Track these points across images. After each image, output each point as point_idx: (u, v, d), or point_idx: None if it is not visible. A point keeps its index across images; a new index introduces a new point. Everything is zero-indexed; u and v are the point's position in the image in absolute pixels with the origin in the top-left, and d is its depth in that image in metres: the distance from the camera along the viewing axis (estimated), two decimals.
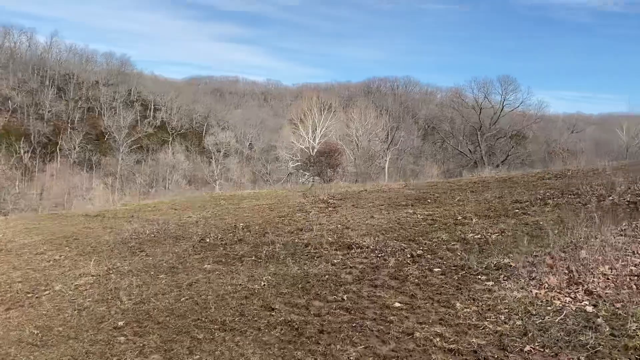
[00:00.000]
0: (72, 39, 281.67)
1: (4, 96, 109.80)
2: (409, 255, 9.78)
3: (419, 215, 13.45)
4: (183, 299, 8.52)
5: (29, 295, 9.75)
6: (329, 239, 11.74)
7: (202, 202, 21.34)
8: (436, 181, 22.82)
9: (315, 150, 67.38)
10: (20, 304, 9.28)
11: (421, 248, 10.25)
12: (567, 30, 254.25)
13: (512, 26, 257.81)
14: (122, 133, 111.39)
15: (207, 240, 13.16)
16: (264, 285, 8.69)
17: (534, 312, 6.54)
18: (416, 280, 8.31)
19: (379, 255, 9.99)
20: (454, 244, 10.33)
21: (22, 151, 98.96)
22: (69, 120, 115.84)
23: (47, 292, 9.80)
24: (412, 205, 15.17)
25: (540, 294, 7.11)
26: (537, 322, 6.23)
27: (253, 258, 10.87)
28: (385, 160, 72.50)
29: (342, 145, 64.01)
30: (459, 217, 12.66)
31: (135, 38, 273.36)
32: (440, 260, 9.33)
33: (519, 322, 6.28)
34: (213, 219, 16.43)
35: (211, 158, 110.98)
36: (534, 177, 18.57)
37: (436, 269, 8.81)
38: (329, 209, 16.31)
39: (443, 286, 7.90)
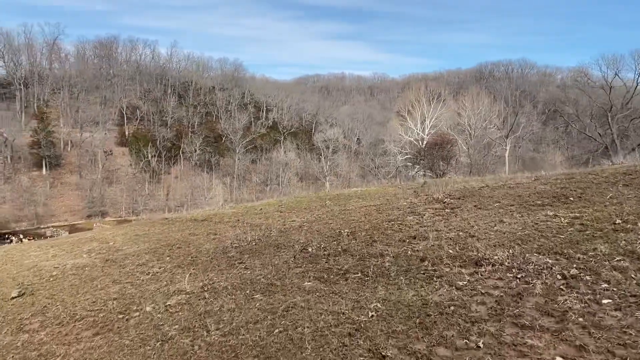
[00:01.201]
0: (189, 48, 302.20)
1: (133, 106, 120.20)
2: (560, 277, 7.48)
3: (562, 219, 10.84)
4: (276, 331, 7.13)
5: (120, 316, 9.06)
6: (450, 251, 9.72)
7: (308, 203, 20.37)
8: (571, 172, 19.26)
9: (425, 142, 64.20)
10: (109, 327, 8.57)
11: (575, 266, 7.86)
12: None
13: None
14: (238, 134, 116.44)
15: (309, 249, 11.83)
16: (372, 316, 7.01)
17: None
18: (580, 319, 6.06)
19: (519, 275, 7.81)
20: (620, 260, 7.79)
21: (149, 155, 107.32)
22: (189, 125, 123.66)
23: (137, 313, 9.03)
24: (550, 205, 12.48)
25: None
26: None
27: (359, 275, 9.24)
28: (505, 149, 66.95)
29: (454, 136, 60.24)
30: (618, 221, 9.90)
31: (246, 43, 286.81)
32: (607, 286, 6.94)
33: None
34: (317, 224, 15.16)
35: (320, 155, 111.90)
36: None
37: (606, 300, 6.48)
38: (446, 210, 14.13)
39: (626, 332, 5.60)
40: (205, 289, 10.15)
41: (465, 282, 7.90)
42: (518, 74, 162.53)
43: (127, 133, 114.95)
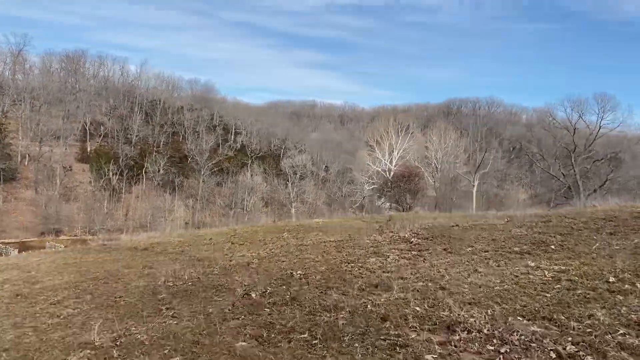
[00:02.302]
0: (160, 67, 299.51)
1: (97, 122, 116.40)
2: (554, 355, 5.95)
3: (546, 272, 9.53)
4: None
5: None
6: (417, 308, 8.09)
7: (264, 234, 18.66)
8: (546, 214, 18.16)
9: (392, 173, 63.48)
10: None
11: (571, 339, 6.35)
12: None
13: (601, 44, 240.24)
14: (204, 156, 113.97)
15: (253, 295, 10.05)
16: None
17: None
18: None
19: (502, 350, 6.24)
20: (626, 335, 6.31)
21: (110, 173, 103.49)
22: (155, 144, 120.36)
23: None
24: (529, 254, 11.19)
25: None
26: None
27: (305, 335, 7.49)
28: (473, 184, 66.90)
29: (421, 169, 59.69)
30: (612, 279, 8.61)
31: (220, 65, 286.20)
32: None
33: None
34: (268, 261, 13.42)
35: (287, 180, 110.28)
36: None
37: None
38: (413, 252, 12.64)
39: None
40: (117, 343, 8.20)
41: (435, 356, 6.26)
42: (485, 111, 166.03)
43: (89, 149, 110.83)
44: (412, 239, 14.23)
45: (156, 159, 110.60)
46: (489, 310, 7.64)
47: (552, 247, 11.71)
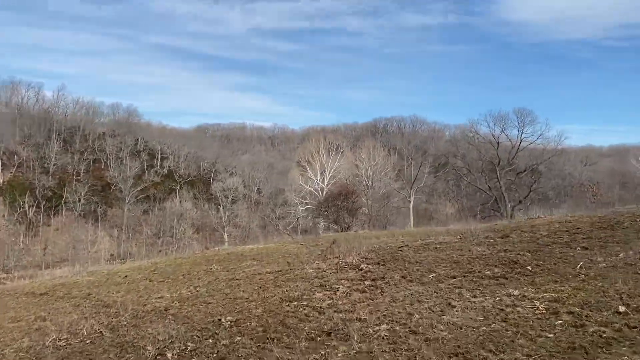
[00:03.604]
0: (79, 93, 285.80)
1: (10, 151, 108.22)
2: None
3: (536, 303, 8.28)
4: None
5: None
6: None
7: (190, 267, 16.78)
8: (500, 228, 16.85)
9: (326, 192, 63.28)
10: None
11: None
12: (570, 65, 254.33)
13: (515, 65, 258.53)
14: (128, 183, 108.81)
15: (168, 355, 8.36)
16: None
17: None
18: None
19: None
20: None
21: (26, 206, 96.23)
22: (74, 172, 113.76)
23: None
24: (505, 278, 9.99)
25: None
26: None
27: None
28: (409, 200, 67.86)
29: (356, 186, 59.79)
30: (622, 309, 7.48)
31: (143, 90, 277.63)
32: None
33: None
34: (191, 303, 11.65)
35: (219, 205, 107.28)
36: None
37: None
38: (366, 282, 11.23)
39: None
40: None
41: None
42: (410, 129, 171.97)
43: (1, 180, 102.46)
44: (362, 265, 12.84)
45: (76, 188, 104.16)
46: None
47: (529, 268, 10.62)
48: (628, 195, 63.96)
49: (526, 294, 8.91)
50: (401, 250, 13.88)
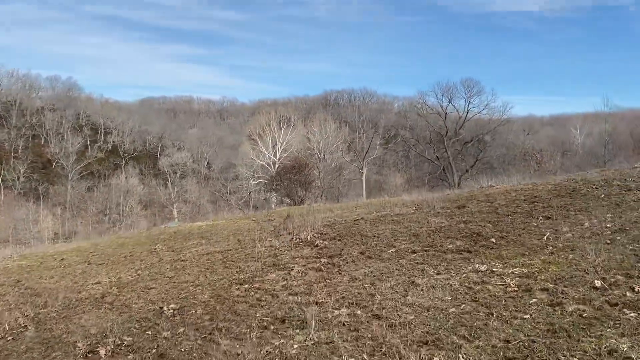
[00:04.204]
0: (13, 65, 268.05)
1: None
2: None
3: (506, 279, 7.86)
4: None
5: None
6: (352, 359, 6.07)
7: (132, 248, 15.93)
8: (455, 198, 16.32)
9: (278, 165, 63.15)
10: None
11: None
12: (515, 36, 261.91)
13: (462, 36, 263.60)
14: (71, 159, 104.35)
15: (101, 352, 7.59)
16: None
17: None
18: None
19: None
20: None
21: None
22: (12, 149, 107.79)
23: None
24: (469, 252, 9.61)
25: None
26: None
27: None
28: (362, 172, 68.56)
29: (308, 160, 59.94)
30: (598, 283, 7.05)
31: (84, 62, 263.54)
32: None
33: None
34: (130, 289, 10.90)
35: (167, 180, 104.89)
36: (593, 183, 14.09)
37: None
38: (322, 259, 10.71)
39: None
40: None
41: None
42: (360, 102, 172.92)
43: None
44: (317, 241, 12.30)
45: (15, 166, 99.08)
46: (459, 354, 5.75)
47: (493, 240, 10.10)
48: (569, 162, 67.37)
49: (494, 269, 8.55)
50: (357, 224, 13.32)
